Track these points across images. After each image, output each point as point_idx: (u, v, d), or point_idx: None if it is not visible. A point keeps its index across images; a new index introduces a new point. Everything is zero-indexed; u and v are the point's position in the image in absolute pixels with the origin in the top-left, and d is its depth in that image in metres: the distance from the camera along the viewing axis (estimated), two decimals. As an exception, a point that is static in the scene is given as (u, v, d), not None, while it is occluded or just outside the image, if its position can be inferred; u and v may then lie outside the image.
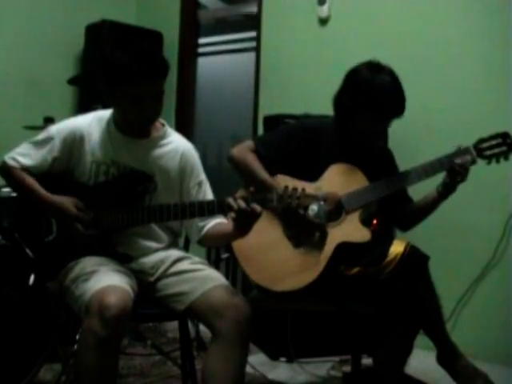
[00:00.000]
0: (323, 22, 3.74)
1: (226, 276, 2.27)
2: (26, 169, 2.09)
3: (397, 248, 2.19)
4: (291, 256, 2.23)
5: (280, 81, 3.92)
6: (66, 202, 2.05)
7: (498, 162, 2.21)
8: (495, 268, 3.14)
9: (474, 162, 2.20)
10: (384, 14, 3.53)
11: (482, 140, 2.21)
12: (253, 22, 4.18)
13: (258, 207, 1.83)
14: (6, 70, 3.91)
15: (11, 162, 2.10)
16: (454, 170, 2.19)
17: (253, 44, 4.18)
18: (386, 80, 2.23)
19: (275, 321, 2.97)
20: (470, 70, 3.25)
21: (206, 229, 2.12)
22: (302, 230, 2.22)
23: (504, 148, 2.19)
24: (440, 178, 2.28)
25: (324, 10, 3.71)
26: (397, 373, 2.26)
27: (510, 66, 3.10)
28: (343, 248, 2.21)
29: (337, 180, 2.26)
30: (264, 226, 2.11)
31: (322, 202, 1.84)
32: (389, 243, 2.21)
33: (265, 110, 3.75)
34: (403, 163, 2.36)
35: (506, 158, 2.20)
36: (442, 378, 2.29)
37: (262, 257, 2.24)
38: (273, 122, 3.16)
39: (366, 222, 2.26)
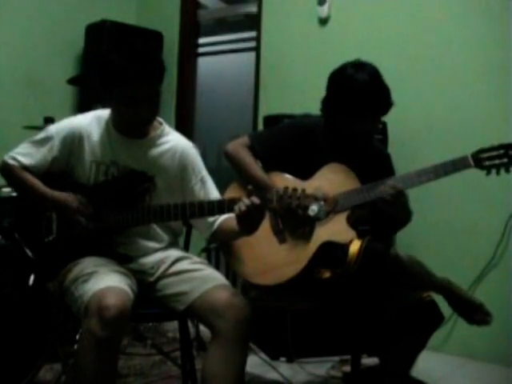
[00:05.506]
0: (323, 22, 3.74)
1: (226, 276, 2.27)
2: (26, 168, 2.09)
3: (354, 247, 2.16)
4: (275, 251, 2.21)
5: (280, 81, 3.92)
6: (68, 196, 2.05)
7: (498, 173, 2.10)
8: (495, 268, 3.14)
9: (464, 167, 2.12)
10: (384, 14, 3.53)
11: (482, 150, 2.11)
12: (253, 22, 4.18)
13: (256, 199, 1.84)
14: (6, 70, 3.91)
15: (11, 162, 2.10)
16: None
17: (253, 44, 4.18)
18: (365, 80, 2.18)
19: (275, 321, 2.97)
20: (471, 71, 3.24)
21: (217, 223, 2.12)
22: (291, 227, 2.20)
23: (505, 160, 2.09)
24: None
25: (324, 10, 3.71)
26: (402, 375, 2.24)
27: (510, 67, 3.10)
28: (326, 247, 2.19)
29: (328, 180, 2.25)
30: None
31: (322, 202, 1.83)
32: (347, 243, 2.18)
33: (265, 110, 3.76)
34: (403, 165, 2.35)
35: (507, 171, 2.09)
36: (442, 378, 2.29)
37: (246, 250, 2.23)
38: (273, 122, 3.15)
39: (353, 225, 2.21)
